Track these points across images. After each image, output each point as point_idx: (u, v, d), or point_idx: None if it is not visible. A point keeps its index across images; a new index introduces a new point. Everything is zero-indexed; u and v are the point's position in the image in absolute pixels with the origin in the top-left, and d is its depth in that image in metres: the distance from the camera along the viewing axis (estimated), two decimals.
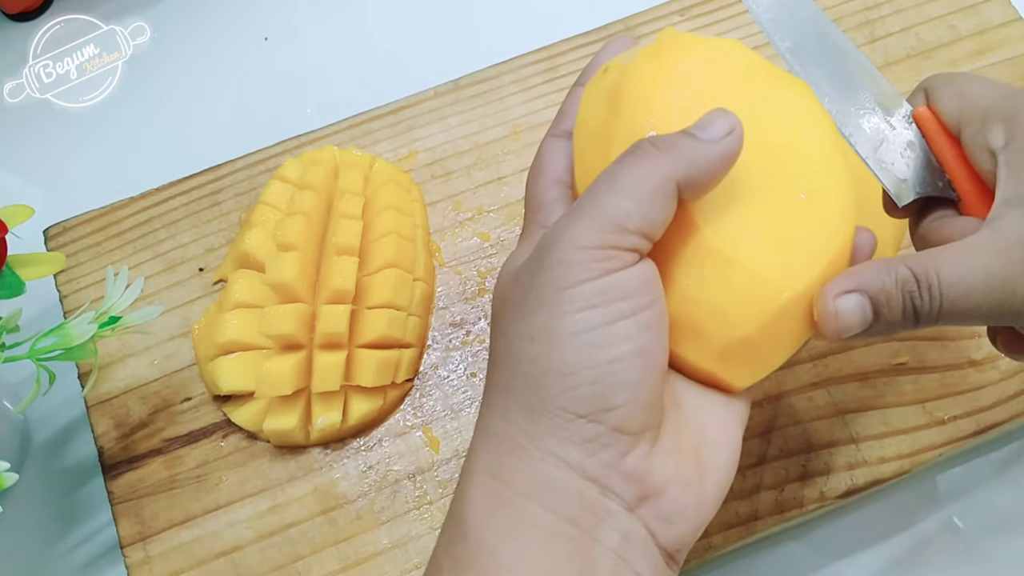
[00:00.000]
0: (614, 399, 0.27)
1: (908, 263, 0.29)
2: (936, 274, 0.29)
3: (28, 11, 0.61)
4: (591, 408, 0.27)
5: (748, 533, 0.42)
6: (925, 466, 0.43)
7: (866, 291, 0.29)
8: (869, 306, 0.29)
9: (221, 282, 0.49)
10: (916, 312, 0.29)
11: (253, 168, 0.51)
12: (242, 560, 0.43)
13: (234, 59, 0.61)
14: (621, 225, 0.27)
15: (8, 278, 0.40)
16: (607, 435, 0.27)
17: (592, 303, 0.27)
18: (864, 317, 0.29)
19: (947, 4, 0.54)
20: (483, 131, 0.52)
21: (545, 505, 0.27)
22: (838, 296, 0.29)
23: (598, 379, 0.27)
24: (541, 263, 0.28)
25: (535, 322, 0.27)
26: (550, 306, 0.27)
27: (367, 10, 0.62)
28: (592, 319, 0.27)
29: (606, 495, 0.27)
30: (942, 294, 0.28)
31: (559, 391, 0.27)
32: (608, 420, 0.27)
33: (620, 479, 0.27)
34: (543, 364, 0.27)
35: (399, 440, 0.45)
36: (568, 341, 0.27)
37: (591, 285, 0.27)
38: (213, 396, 0.46)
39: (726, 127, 0.29)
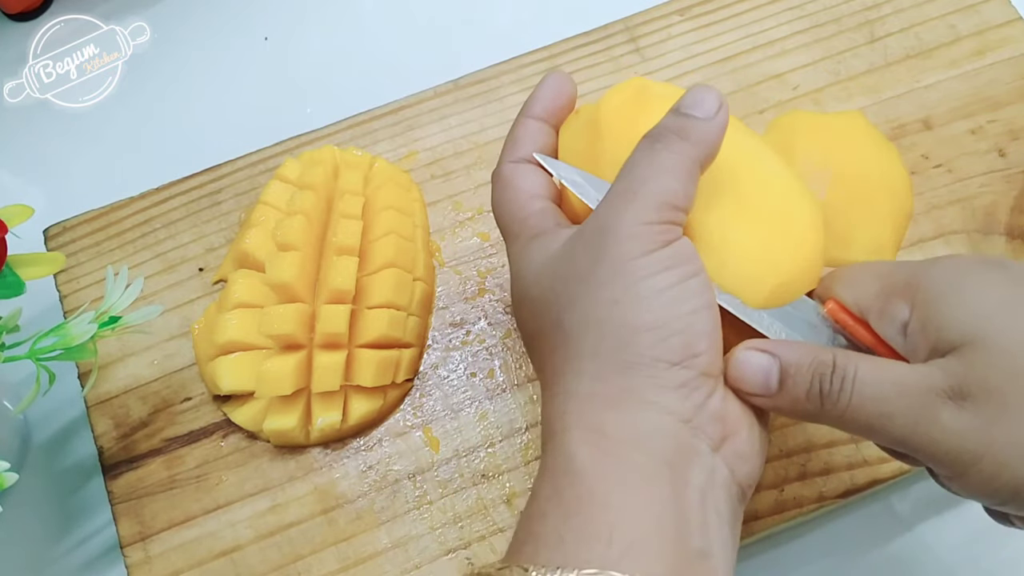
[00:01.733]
0: (699, 346, 0.30)
1: (834, 351, 0.31)
2: (854, 368, 0.30)
3: (28, 11, 0.61)
4: (682, 355, 0.30)
5: (748, 533, 0.42)
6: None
7: (779, 356, 0.31)
8: (776, 372, 0.31)
9: (221, 282, 0.49)
10: (821, 396, 0.30)
11: (253, 168, 0.51)
12: (242, 560, 0.43)
13: (234, 59, 0.61)
14: (673, 203, 0.31)
15: (8, 278, 0.40)
16: (697, 379, 0.30)
17: (665, 266, 0.30)
18: (767, 380, 0.31)
19: (947, 4, 0.54)
20: (483, 131, 0.52)
21: (646, 450, 0.29)
22: (748, 349, 0.31)
23: (684, 329, 0.30)
24: (604, 240, 0.30)
25: (615, 288, 0.30)
26: (628, 273, 0.30)
27: (367, 10, 0.62)
28: (669, 279, 0.30)
29: (696, 436, 0.30)
30: (853, 388, 0.30)
31: (652, 343, 0.29)
32: (696, 365, 0.30)
33: (708, 419, 0.30)
34: (633, 322, 0.30)
35: (399, 440, 0.45)
36: (654, 299, 0.30)
37: (660, 253, 0.30)
38: (213, 396, 0.46)
39: (717, 101, 0.32)
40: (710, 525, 0.29)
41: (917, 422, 0.29)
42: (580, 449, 0.30)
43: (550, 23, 0.56)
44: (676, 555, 0.28)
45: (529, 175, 0.36)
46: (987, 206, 0.49)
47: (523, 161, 0.36)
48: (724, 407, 0.31)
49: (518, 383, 0.46)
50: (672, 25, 0.54)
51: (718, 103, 0.32)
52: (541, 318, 0.33)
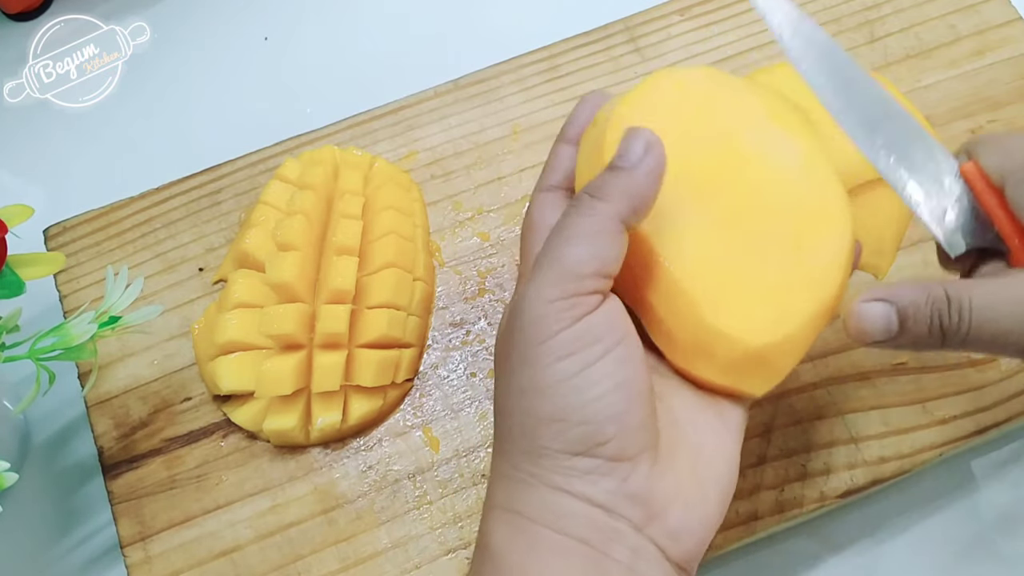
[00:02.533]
0: (604, 433, 0.29)
1: (943, 285, 0.30)
2: (968, 297, 0.30)
3: (28, 11, 0.61)
4: (585, 446, 0.29)
5: (748, 533, 0.42)
6: (925, 466, 0.43)
7: (895, 302, 0.31)
8: (895, 317, 0.30)
9: (221, 282, 0.49)
10: (943, 330, 0.30)
11: (253, 168, 0.51)
12: (242, 560, 0.43)
13: (234, 59, 0.61)
14: (578, 272, 0.29)
15: (8, 278, 0.40)
16: (604, 465, 0.29)
17: (569, 351, 0.29)
18: (888, 325, 0.30)
19: (947, 4, 0.54)
20: (483, 131, 0.52)
21: (558, 530, 0.29)
22: (866, 301, 0.31)
23: (586, 419, 0.29)
24: (517, 322, 0.30)
25: (522, 377, 0.29)
26: (531, 361, 0.29)
27: (367, 10, 0.62)
28: (571, 367, 0.29)
29: (614, 518, 0.29)
30: (972, 317, 0.30)
31: (552, 436, 0.29)
32: (603, 452, 0.29)
33: (625, 502, 0.29)
34: (534, 414, 0.29)
35: (399, 440, 0.45)
36: (553, 390, 0.29)
37: (564, 335, 0.29)
38: (213, 396, 0.46)
39: (641, 146, 0.30)
40: None
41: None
42: (497, 527, 0.30)
43: (550, 23, 0.56)
44: None
45: (555, 207, 0.34)
46: None
47: (554, 190, 0.35)
48: (648, 486, 0.29)
49: None
50: (672, 25, 0.54)
51: (643, 146, 0.30)
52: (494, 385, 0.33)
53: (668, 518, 0.29)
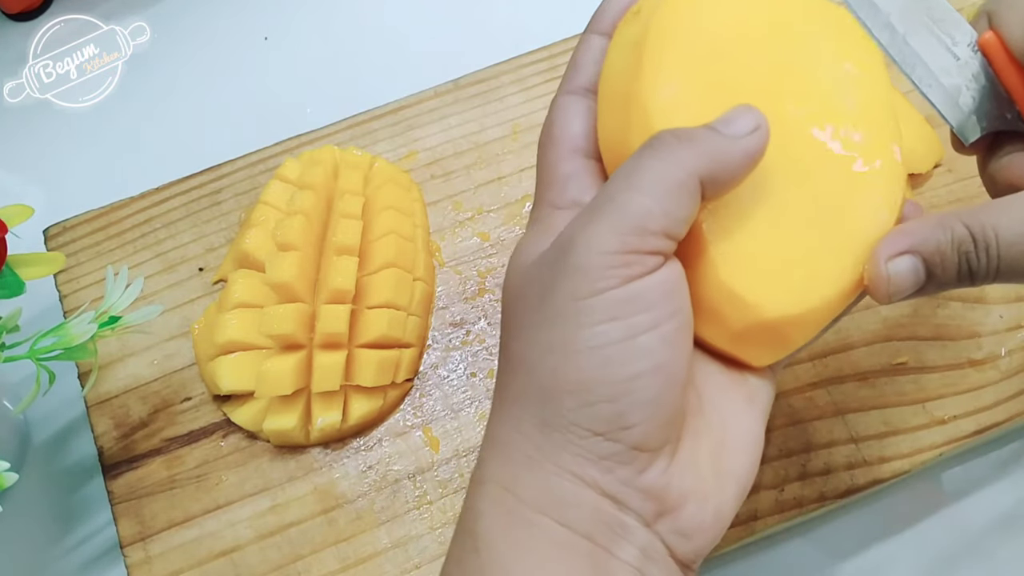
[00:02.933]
0: (632, 417, 0.25)
1: (964, 219, 0.27)
2: (994, 232, 0.27)
3: (28, 11, 0.61)
4: (608, 426, 0.25)
5: (748, 533, 0.42)
6: (925, 466, 0.43)
7: (920, 252, 0.28)
8: (922, 267, 0.28)
9: (221, 282, 0.49)
10: (972, 272, 0.28)
11: (253, 168, 0.51)
12: (242, 560, 0.43)
13: (234, 59, 0.61)
14: (643, 226, 0.25)
15: (8, 278, 0.40)
16: (624, 453, 0.26)
17: (613, 315, 0.25)
18: (917, 278, 0.28)
19: None
20: (483, 131, 0.52)
21: (560, 520, 0.26)
22: (891, 259, 0.28)
23: (616, 397, 0.25)
24: (558, 267, 0.26)
25: (553, 333, 0.26)
26: (568, 317, 0.26)
27: (367, 10, 0.62)
28: (612, 333, 0.25)
29: (623, 511, 0.26)
30: (1000, 254, 0.27)
31: (575, 407, 0.25)
32: (625, 438, 0.26)
33: (637, 496, 0.26)
34: (559, 378, 0.26)
35: (399, 440, 0.45)
36: (586, 356, 0.25)
37: (612, 295, 0.25)
38: (213, 396, 0.46)
39: (751, 123, 0.27)
40: None
41: None
42: (489, 510, 0.27)
43: (550, 23, 0.56)
44: None
45: (576, 118, 0.30)
46: None
47: (581, 92, 0.30)
48: (664, 481, 0.26)
49: None
50: None
51: (752, 125, 0.27)
52: (501, 328, 0.29)
53: (681, 515, 0.26)
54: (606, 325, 0.25)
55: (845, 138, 0.29)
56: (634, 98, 0.28)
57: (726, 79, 0.28)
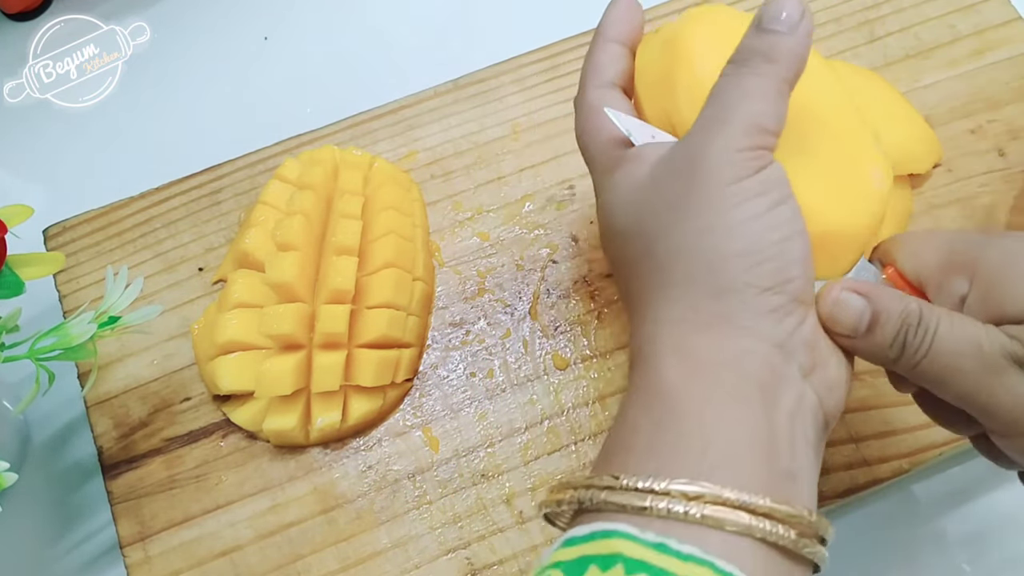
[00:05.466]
0: (791, 271, 0.30)
1: (921, 304, 0.31)
2: (936, 322, 0.31)
3: (28, 11, 0.61)
4: (775, 281, 0.30)
5: None
6: (925, 466, 0.43)
7: (873, 301, 0.31)
8: (868, 315, 0.31)
9: (221, 282, 0.49)
10: (904, 345, 0.31)
11: (253, 168, 0.51)
12: (242, 560, 0.43)
13: (234, 59, 0.61)
14: (763, 127, 0.30)
15: (8, 278, 0.40)
16: (789, 304, 0.30)
17: (758, 192, 0.30)
18: (859, 322, 0.31)
19: (946, 4, 0.54)
20: (483, 131, 0.52)
21: (737, 372, 0.29)
22: (845, 290, 0.32)
23: (776, 255, 0.30)
24: (695, 168, 0.30)
25: (707, 217, 0.30)
26: (719, 201, 0.30)
27: (367, 10, 0.62)
28: (761, 205, 0.30)
29: (788, 361, 0.30)
30: (933, 342, 0.31)
31: (745, 269, 0.30)
32: (789, 290, 0.30)
33: (801, 345, 0.30)
34: (725, 249, 0.30)
35: (399, 440, 0.45)
36: (746, 226, 0.30)
37: (752, 179, 0.30)
38: (213, 396, 0.46)
39: (798, 9, 0.31)
40: (798, 448, 0.29)
41: (984, 380, 0.30)
42: (671, 370, 0.30)
43: (550, 23, 0.56)
44: (766, 473, 0.28)
45: (616, 102, 0.35)
46: (987, 206, 0.49)
47: (609, 87, 0.35)
48: (815, 336, 0.31)
49: (517, 383, 0.46)
50: None
51: (799, 12, 0.31)
52: (630, 247, 0.33)
53: (827, 369, 0.31)
54: (754, 200, 0.30)
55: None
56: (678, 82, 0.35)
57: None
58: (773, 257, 0.30)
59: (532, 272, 0.48)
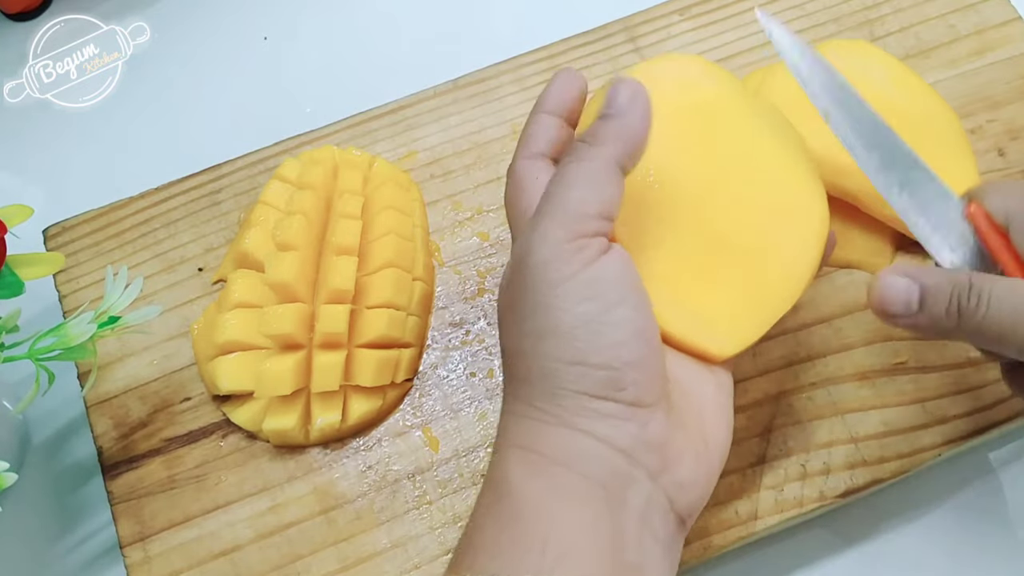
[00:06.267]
0: (625, 378, 0.29)
1: (970, 274, 0.32)
2: (989, 287, 0.31)
3: (28, 11, 0.61)
4: (607, 390, 0.29)
5: (748, 533, 0.42)
6: (925, 466, 0.43)
7: (920, 281, 0.32)
8: (916, 293, 0.32)
9: (220, 282, 0.49)
10: (960, 312, 0.31)
11: (253, 168, 0.51)
12: (242, 560, 0.43)
13: (234, 59, 0.61)
14: (583, 213, 0.30)
15: (7, 278, 0.40)
16: (626, 410, 0.30)
17: (586, 295, 0.29)
18: (909, 301, 0.32)
19: (946, 3, 0.54)
20: (482, 131, 0.52)
21: (579, 471, 0.29)
22: (892, 276, 0.32)
23: (607, 363, 0.29)
24: (525, 267, 0.30)
25: (537, 321, 0.30)
26: (547, 305, 0.30)
27: (367, 10, 0.62)
28: (590, 311, 0.29)
29: (633, 464, 0.30)
30: (990, 304, 0.31)
31: (575, 378, 0.29)
32: (624, 397, 0.30)
33: (644, 448, 0.30)
34: (555, 356, 0.30)
35: (399, 440, 0.45)
36: (573, 334, 0.29)
37: (579, 278, 0.30)
38: (212, 396, 0.46)
39: (628, 94, 0.32)
40: (645, 545, 0.29)
41: None
42: (515, 468, 0.30)
43: (550, 23, 0.56)
44: (611, 565, 0.28)
45: (544, 172, 0.35)
46: None
47: (538, 157, 0.35)
48: (664, 435, 0.30)
49: None
50: (672, 25, 0.54)
51: (629, 94, 0.32)
52: (500, 332, 0.33)
53: (680, 468, 0.30)
54: (583, 305, 0.29)
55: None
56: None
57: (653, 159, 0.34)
58: (604, 365, 0.29)
59: None
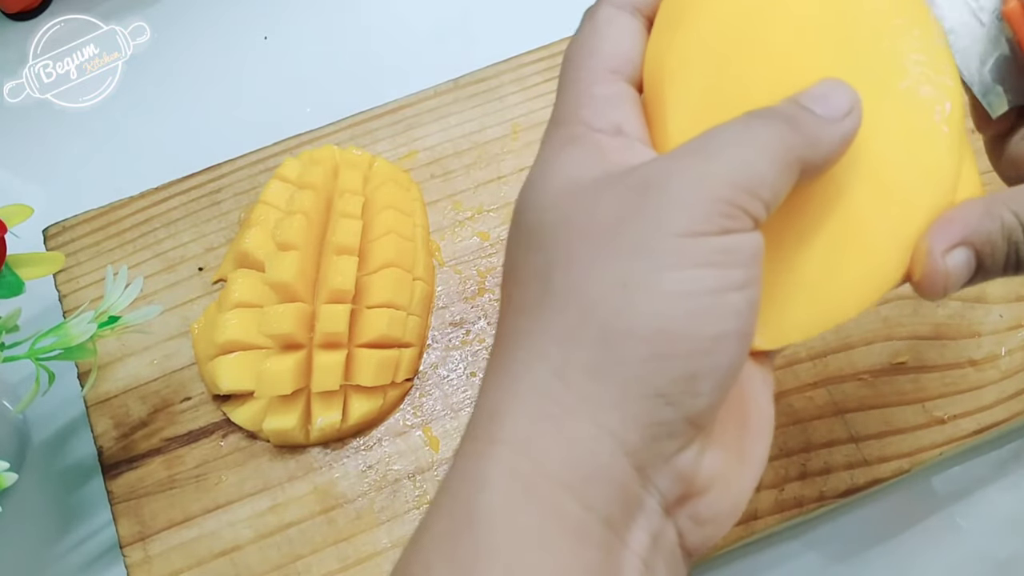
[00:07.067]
0: (702, 384, 0.23)
1: (1012, 206, 0.26)
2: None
3: (28, 11, 0.61)
4: (675, 388, 0.22)
5: (748, 533, 0.42)
6: (925, 466, 0.43)
7: (972, 242, 0.26)
8: (974, 258, 0.26)
9: (221, 282, 0.49)
10: (1019, 262, 0.26)
11: (253, 167, 0.51)
12: (242, 560, 0.43)
13: (234, 59, 0.61)
14: (754, 188, 0.23)
15: (7, 278, 0.40)
16: (678, 423, 0.23)
17: (710, 261, 0.23)
18: (970, 270, 0.27)
19: None
20: (483, 130, 0.52)
21: (583, 500, 0.22)
22: (947, 252, 0.26)
23: (695, 355, 0.22)
24: (645, 197, 0.23)
25: (632, 266, 0.23)
26: (657, 251, 0.22)
27: (367, 10, 0.62)
28: (706, 280, 0.22)
29: (647, 488, 0.23)
30: None
31: (646, 357, 0.22)
32: (687, 407, 0.23)
33: (669, 475, 0.23)
34: (632, 319, 0.22)
35: (399, 440, 0.45)
36: (673, 301, 0.22)
37: (712, 241, 0.23)
38: (213, 396, 0.46)
39: (847, 104, 0.25)
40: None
41: None
42: (499, 478, 0.22)
43: (550, 23, 0.56)
44: None
45: (626, 33, 0.27)
46: None
47: (630, 9, 0.27)
48: (695, 464, 0.24)
49: None
50: None
51: (848, 105, 0.25)
52: (528, 256, 0.25)
53: (702, 501, 0.24)
54: (701, 270, 0.22)
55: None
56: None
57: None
58: (689, 355, 0.22)
59: None
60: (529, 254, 0.25)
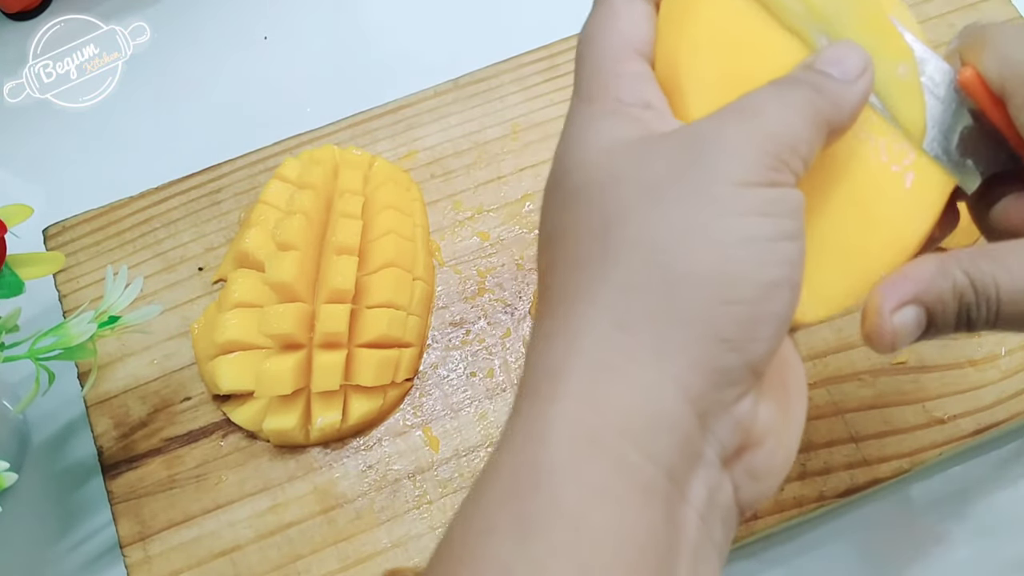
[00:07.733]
0: (762, 329, 0.23)
1: (965, 267, 0.27)
2: (995, 285, 0.27)
3: (28, 11, 0.61)
4: (738, 333, 0.23)
5: (748, 533, 0.42)
6: (925, 466, 0.43)
7: (923, 301, 0.27)
8: (924, 316, 0.27)
9: (221, 281, 0.49)
10: (970, 322, 0.27)
11: (253, 167, 0.51)
12: (242, 560, 0.43)
13: (234, 59, 0.61)
14: (795, 144, 0.25)
15: (7, 278, 0.40)
16: (739, 370, 0.23)
17: (766, 210, 0.24)
18: (919, 327, 0.27)
19: (946, 3, 0.54)
20: (483, 130, 0.52)
21: (647, 450, 0.22)
22: (896, 310, 0.27)
23: (756, 299, 0.23)
24: (700, 150, 0.24)
25: (692, 212, 0.23)
26: (715, 199, 0.23)
27: (367, 10, 0.62)
28: (763, 228, 0.23)
29: (707, 439, 0.24)
30: (999, 309, 0.27)
31: (712, 302, 0.23)
32: (748, 351, 0.23)
33: (729, 424, 0.24)
34: (696, 263, 0.23)
35: (399, 439, 0.45)
36: (737, 246, 0.23)
37: (764, 191, 0.24)
38: (213, 396, 0.46)
39: (860, 62, 0.26)
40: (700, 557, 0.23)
41: None
42: (564, 433, 0.22)
43: (550, 23, 0.56)
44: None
45: (643, 18, 0.28)
46: None
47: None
48: (752, 414, 0.24)
49: (518, 382, 0.46)
50: None
51: (861, 65, 0.26)
52: (577, 215, 0.25)
53: (759, 452, 0.25)
54: (760, 219, 0.23)
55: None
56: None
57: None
58: (752, 300, 0.23)
59: (532, 272, 0.48)
60: (579, 212, 0.25)
